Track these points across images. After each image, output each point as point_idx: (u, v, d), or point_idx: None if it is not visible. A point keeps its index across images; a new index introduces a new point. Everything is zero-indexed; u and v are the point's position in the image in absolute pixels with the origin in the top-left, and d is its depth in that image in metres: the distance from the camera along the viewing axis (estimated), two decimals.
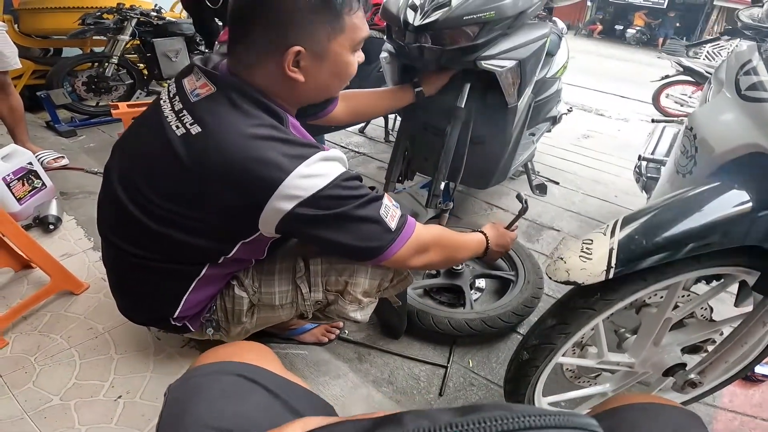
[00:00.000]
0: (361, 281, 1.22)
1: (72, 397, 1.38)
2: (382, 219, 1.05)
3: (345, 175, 1.00)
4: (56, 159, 2.85)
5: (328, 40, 0.99)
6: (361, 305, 1.26)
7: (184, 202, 1.01)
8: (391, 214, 1.07)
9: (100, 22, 3.50)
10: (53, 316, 1.67)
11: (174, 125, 0.99)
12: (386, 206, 1.07)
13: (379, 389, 1.54)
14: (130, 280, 1.21)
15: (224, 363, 0.75)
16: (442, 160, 1.70)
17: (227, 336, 1.31)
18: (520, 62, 1.62)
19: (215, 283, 1.22)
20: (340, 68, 1.06)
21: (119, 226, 1.13)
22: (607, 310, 1.02)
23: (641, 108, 6.19)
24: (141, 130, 1.13)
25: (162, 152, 1.00)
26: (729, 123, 1.08)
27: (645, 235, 0.91)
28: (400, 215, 1.10)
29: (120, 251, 1.13)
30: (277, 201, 0.94)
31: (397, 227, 1.08)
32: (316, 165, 0.96)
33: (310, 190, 0.95)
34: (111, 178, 1.11)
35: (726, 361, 1.12)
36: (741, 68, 1.15)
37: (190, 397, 0.68)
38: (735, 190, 0.97)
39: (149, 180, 1.03)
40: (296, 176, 0.93)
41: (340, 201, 0.99)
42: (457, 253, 1.31)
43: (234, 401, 0.68)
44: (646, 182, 2.11)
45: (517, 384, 1.18)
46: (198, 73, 1.03)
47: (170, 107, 1.02)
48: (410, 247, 1.11)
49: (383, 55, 1.82)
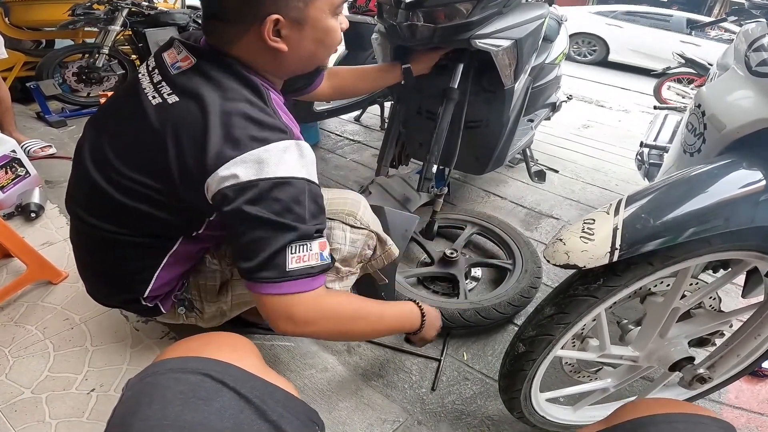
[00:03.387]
0: (338, 248, 1.16)
1: (44, 390, 1.34)
2: (286, 253, 0.88)
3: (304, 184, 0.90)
4: (43, 148, 2.82)
5: (305, 5, 0.94)
6: (339, 274, 1.20)
7: (154, 174, 0.96)
8: (304, 258, 0.90)
9: (90, 13, 3.49)
10: (30, 307, 1.62)
11: (151, 96, 0.95)
12: (312, 247, 0.91)
13: (369, 383, 1.47)
14: (100, 257, 1.15)
15: (188, 359, 0.66)
16: (434, 143, 1.63)
17: (202, 319, 1.26)
18: (516, 42, 1.55)
19: (187, 260, 1.17)
20: (323, 34, 1.01)
21: (89, 202, 1.08)
22: (610, 298, 0.95)
23: (642, 99, 6.19)
24: (115, 104, 1.09)
25: (134, 122, 0.97)
26: (740, 99, 1.05)
27: (652, 214, 0.84)
28: (319, 269, 0.92)
29: (89, 227, 1.08)
30: (217, 176, 0.86)
31: (295, 272, 0.89)
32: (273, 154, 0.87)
33: (249, 175, 0.86)
34: (82, 154, 1.07)
35: (738, 354, 1.05)
36: (750, 45, 1.12)
37: (143, 398, 0.59)
38: (747, 168, 0.91)
39: (121, 152, 0.99)
40: (245, 159, 0.86)
41: (267, 205, 0.87)
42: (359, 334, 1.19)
43: (193, 405, 0.58)
44: (648, 169, 2.06)
45: (512, 379, 1.11)
46: (179, 46, 0.99)
47: (149, 80, 0.99)
48: (295, 304, 0.92)
49: (374, 36, 1.76)
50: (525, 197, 2.80)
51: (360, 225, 1.18)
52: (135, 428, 0.56)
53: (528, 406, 1.18)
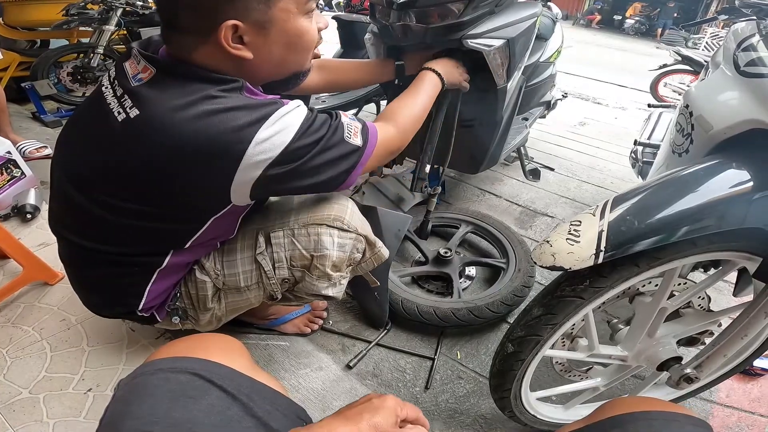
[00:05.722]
0: (327, 253, 1.16)
1: (41, 390, 1.35)
2: (348, 142, 1.02)
3: (307, 121, 0.95)
4: (39, 149, 2.82)
5: (267, 6, 0.89)
6: (331, 280, 1.20)
7: (142, 194, 0.95)
8: (353, 132, 1.04)
9: (84, 13, 3.45)
10: (26, 308, 1.63)
11: (116, 111, 0.91)
12: (347, 126, 1.03)
13: (363, 382, 1.48)
14: (90, 276, 1.14)
15: (176, 359, 0.67)
16: (427, 143, 1.63)
17: (198, 324, 1.26)
18: (508, 41, 1.55)
19: (177, 272, 1.16)
20: (294, 37, 0.97)
21: (74, 223, 1.07)
22: (596, 298, 0.96)
23: (639, 97, 6.18)
24: (84, 119, 1.04)
25: (109, 143, 0.93)
26: (727, 99, 1.04)
27: (637, 216, 0.84)
28: (361, 127, 1.07)
29: (77, 248, 1.08)
30: (245, 171, 0.90)
31: (363, 141, 1.05)
32: (277, 123, 0.90)
33: (277, 148, 0.90)
34: (58, 175, 1.05)
35: (725, 354, 1.05)
36: (739, 45, 1.11)
37: (134, 397, 0.60)
38: (734, 169, 0.91)
39: (102, 174, 0.96)
40: (258, 141, 0.88)
41: (309, 147, 0.95)
42: (421, 118, 1.30)
43: (183, 403, 0.60)
44: (642, 167, 2.06)
45: (502, 378, 1.11)
46: (137, 56, 0.94)
47: (112, 93, 0.94)
48: (379, 150, 1.10)
49: (367, 36, 1.75)
50: (520, 195, 2.81)
51: (348, 228, 1.17)
52: (126, 426, 0.57)
53: (518, 405, 1.19)
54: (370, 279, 1.39)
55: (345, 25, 2.90)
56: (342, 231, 1.17)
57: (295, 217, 1.18)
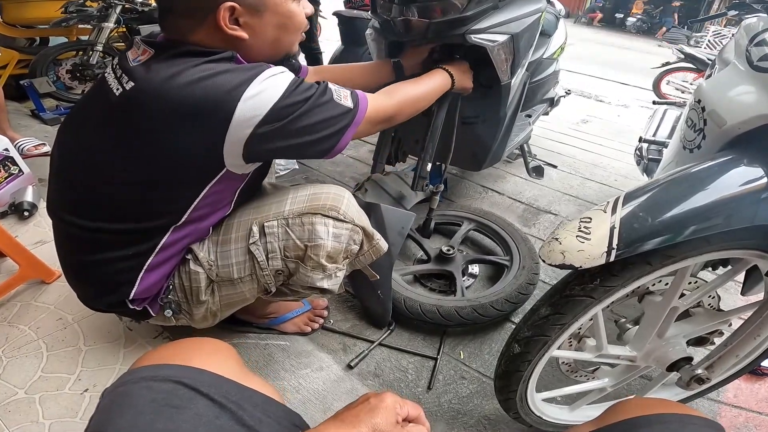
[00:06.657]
0: (321, 243, 1.14)
1: (37, 390, 1.33)
2: (339, 102, 1.06)
3: (294, 82, 1.00)
4: (37, 146, 2.80)
5: None
6: (326, 272, 1.18)
7: (142, 159, 0.99)
8: (343, 96, 1.08)
9: (83, 10, 3.45)
10: (23, 306, 1.61)
11: (115, 88, 0.98)
12: (336, 90, 1.07)
13: (365, 382, 1.46)
14: (85, 261, 1.13)
15: (160, 367, 0.64)
16: (429, 141, 1.61)
17: (192, 320, 1.25)
18: (512, 37, 1.52)
19: (171, 259, 1.15)
20: (285, 18, 1.06)
21: (74, 202, 1.09)
22: (607, 298, 0.93)
23: (642, 94, 6.18)
24: (87, 102, 1.12)
25: (109, 115, 1.00)
26: (741, 94, 1.02)
27: (650, 213, 0.82)
28: (350, 92, 1.11)
29: (76, 229, 1.08)
30: (236, 129, 0.94)
31: (354, 104, 1.09)
32: (264, 82, 0.95)
33: (266, 105, 0.95)
34: (60, 153, 1.11)
35: (737, 354, 1.03)
36: (752, 40, 1.09)
37: (115, 408, 0.58)
38: (748, 165, 0.89)
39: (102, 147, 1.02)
40: (247, 98, 0.93)
41: (297, 105, 0.99)
42: (420, 102, 1.32)
43: (167, 414, 0.57)
44: (647, 165, 2.04)
45: (508, 379, 1.09)
46: (138, 43, 1.03)
47: (113, 76, 1.01)
48: (371, 115, 1.13)
49: (368, 31, 1.73)
50: (523, 193, 2.79)
51: (344, 218, 1.15)
52: None
53: (524, 406, 1.17)
54: (369, 273, 1.36)
55: (345, 22, 2.87)
56: (337, 221, 1.15)
57: (290, 207, 1.16)
